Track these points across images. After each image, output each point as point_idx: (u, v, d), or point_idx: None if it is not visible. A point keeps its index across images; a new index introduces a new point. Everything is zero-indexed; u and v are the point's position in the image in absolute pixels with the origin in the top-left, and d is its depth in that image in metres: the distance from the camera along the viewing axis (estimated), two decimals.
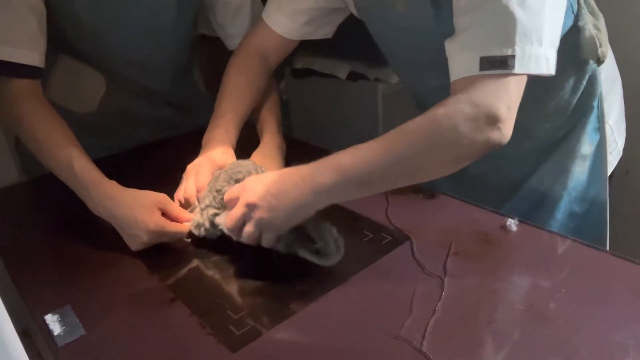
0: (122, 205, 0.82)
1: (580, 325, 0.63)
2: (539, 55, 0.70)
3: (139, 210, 0.81)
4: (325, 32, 1.09)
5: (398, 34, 0.94)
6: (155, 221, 0.81)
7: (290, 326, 0.67)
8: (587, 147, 0.95)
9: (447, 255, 0.77)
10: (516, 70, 0.68)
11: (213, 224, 0.81)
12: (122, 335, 0.68)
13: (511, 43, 0.68)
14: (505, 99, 0.68)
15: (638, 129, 1.34)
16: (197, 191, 0.88)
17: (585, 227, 0.99)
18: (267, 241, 0.74)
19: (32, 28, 0.92)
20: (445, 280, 0.72)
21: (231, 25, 1.14)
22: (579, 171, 0.96)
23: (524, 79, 0.71)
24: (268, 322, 0.68)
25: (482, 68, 0.69)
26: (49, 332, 0.68)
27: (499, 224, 0.83)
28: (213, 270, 0.80)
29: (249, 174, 0.80)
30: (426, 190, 0.94)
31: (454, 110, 0.69)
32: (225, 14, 1.14)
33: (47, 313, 0.71)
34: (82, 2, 1.00)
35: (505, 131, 0.69)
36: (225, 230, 0.78)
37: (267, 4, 1.06)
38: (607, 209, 0.96)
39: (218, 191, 0.81)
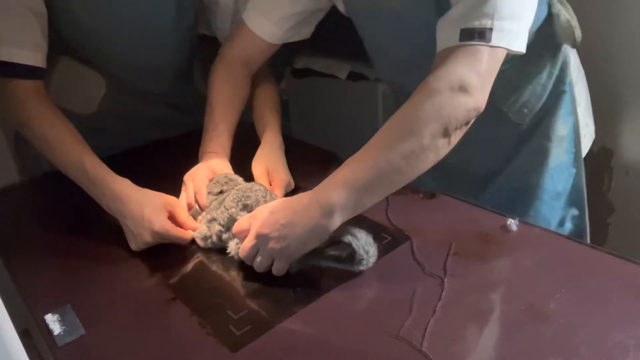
0: (132, 203, 0.82)
1: (580, 325, 0.63)
2: (516, 31, 0.73)
3: (147, 210, 0.81)
4: (305, 32, 1.09)
5: (393, 30, 0.94)
6: (161, 222, 0.81)
7: (290, 326, 0.67)
8: (562, 129, 0.98)
9: (447, 255, 0.77)
10: (492, 42, 0.71)
11: (220, 239, 0.82)
12: (122, 335, 0.68)
13: (491, 17, 0.71)
14: (477, 67, 0.71)
15: (637, 128, 1.34)
16: (195, 193, 0.88)
17: (568, 206, 1.02)
18: (278, 271, 0.74)
19: (35, 30, 0.93)
20: (445, 280, 0.72)
21: (230, 30, 1.15)
22: (558, 152, 0.99)
23: (499, 52, 0.73)
24: (268, 322, 0.68)
25: (461, 39, 0.72)
26: (49, 332, 0.68)
27: (499, 224, 0.83)
28: (213, 270, 0.80)
29: (257, 201, 0.80)
30: (426, 190, 0.94)
31: (430, 87, 0.71)
32: (224, 17, 1.14)
33: (47, 313, 0.71)
34: (80, 5, 1.00)
35: (479, 97, 0.72)
36: (236, 257, 0.79)
37: (249, 9, 1.05)
38: (584, 187, 1.01)
39: (226, 208, 0.81)
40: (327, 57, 1.83)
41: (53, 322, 0.70)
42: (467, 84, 0.70)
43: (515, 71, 0.73)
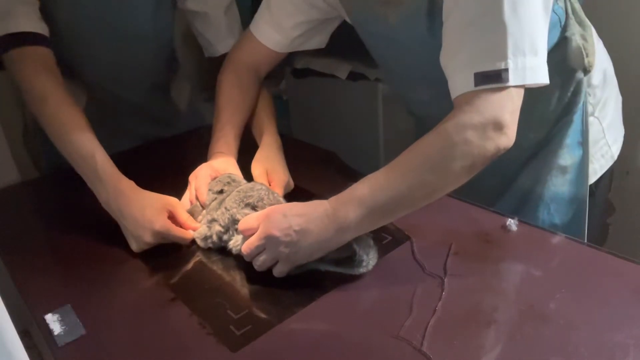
0: (134, 204, 0.82)
1: (580, 325, 0.63)
2: (533, 65, 0.71)
3: (148, 210, 0.81)
4: (318, 41, 1.09)
5: (391, 47, 0.94)
6: (162, 223, 0.81)
7: (290, 326, 0.67)
8: (567, 159, 0.95)
9: (447, 255, 0.77)
10: (511, 82, 0.70)
11: (220, 239, 0.82)
12: (122, 335, 0.68)
13: (504, 57, 0.69)
14: (509, 106, 0.70)
15: (637, 130, 1.34)
16: (195, 190, 0.89)
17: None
18: (280, 273, 0.74)
19: (34, 4, 0.95)
20: (445, 280, 0.72)
21: (207, 32, 1.16)
22: (558, 183, 0.96)
23: (522, 89, 0.72)
24: (268, 322, 0.68)
25: (477, 84, 0.70)
26: (49, 331, 0.68)
27: (499, 224, 0.83)
28: (214, 270, 0.80)
29: (260, 199, 0.80)
30: None
31: (462, 123, 0.70)
32: (202, 22, 1.15)
33: (47, 313, 0.71)
34: (58, 4, 1.01)
35: (511, 135, 0.71)
36: (234, 251, 0.79)
37: (256, 17, 1.06)
38: (585, 223, 0.97)
39: (227, 209, 0.81)
40: (327, 57, 1.84)
41: (53, 322, 0.70)
42: (501, 123, 0.70)
43: (525, 94, 0.72)
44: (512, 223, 0.82)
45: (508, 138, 0.71)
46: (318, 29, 1.06)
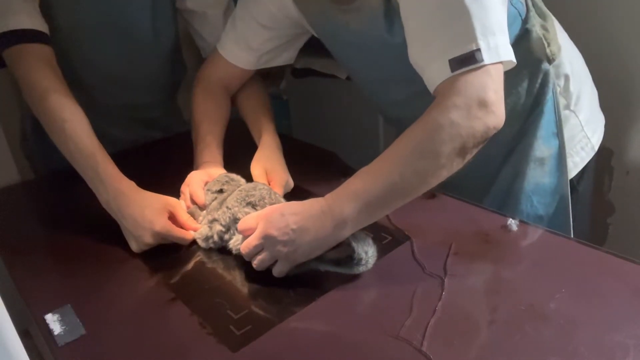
0: (134, 205, 0.82)
1: (580, 325, 0.63)
2: (505, 43, 0.72)
3: (148, 211, 0.82)
4: (286, 57, 1.10)
5: (357, 51, 0.95)
6: (162, 223, 0.82)
7: (290, 326, 0.67)
8: (543, 150, 0.95)
9: (447, 255, 0.77)
10: (486, 61, 0.70)
11: (222, 239, 0.82)
12: (122, 335, 0.68)
13: (473, 39, 0.70)
14: (490, 84, 0.70)
15: (637, 128, 1.34)
16: (191, 195, 0.89)
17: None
18: (279, 273, 0.74)
19: (34, 3, 0.95)
20: (445, 280, 0.72)
21: (205, 33, 1.16)
22: (538, 175, 0.97)
23: (499, 67, 0.72)
24: (268, 322, 0.68)
25: (453, 69, 0.71)
26: (49, 331, 0.68)
27: (499, 224, 0.84)
28: (214, 270, 0.80)
29: (262, 198, 0.80)
30: None
31: (446, 106, 0.70)
32: (200, 22, 1.16)
33: (47, 313, 0.71)
34: (57, 3, 1.01)
35: (499, 113, 0.71)
36: (234, 251, 0.79)
37: (223, 36, 1.08)
38: (569, 213, 0.97)
39: (228, 208, 0.81)
40: (327, 57, 1.83)
41: (53, 322, 0.70)
42: (485, 101, 0.69)
43: None
44: (512, 223, 0.82)
45: (496, 116, 0.71)
46: (285, 45, 1.07)
